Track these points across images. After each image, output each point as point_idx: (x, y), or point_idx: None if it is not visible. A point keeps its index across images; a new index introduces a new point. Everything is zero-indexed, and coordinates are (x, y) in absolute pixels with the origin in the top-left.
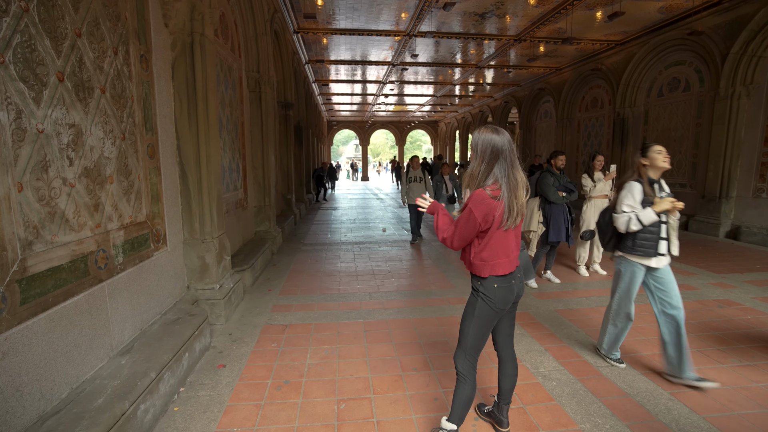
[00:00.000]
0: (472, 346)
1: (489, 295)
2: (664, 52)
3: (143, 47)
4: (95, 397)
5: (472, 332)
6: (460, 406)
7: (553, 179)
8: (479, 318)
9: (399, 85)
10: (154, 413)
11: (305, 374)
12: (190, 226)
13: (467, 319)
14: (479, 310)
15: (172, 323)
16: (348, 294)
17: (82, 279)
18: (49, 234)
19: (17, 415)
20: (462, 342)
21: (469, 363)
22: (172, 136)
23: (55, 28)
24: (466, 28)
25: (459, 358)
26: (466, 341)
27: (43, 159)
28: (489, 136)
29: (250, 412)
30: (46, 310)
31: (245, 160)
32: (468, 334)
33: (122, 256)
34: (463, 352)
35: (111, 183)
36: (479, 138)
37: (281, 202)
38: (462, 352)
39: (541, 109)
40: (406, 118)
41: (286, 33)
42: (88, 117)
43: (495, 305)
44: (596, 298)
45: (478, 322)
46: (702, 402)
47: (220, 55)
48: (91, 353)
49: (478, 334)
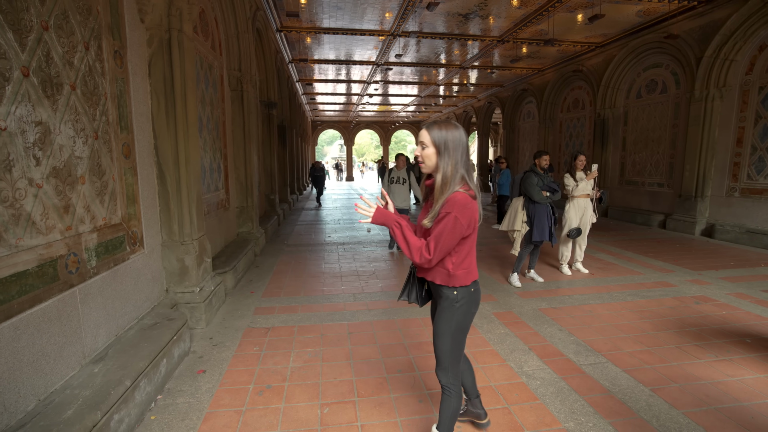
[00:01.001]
0: (454, 359)
1: (471, 302)
2: (642, 54)
3: (117, 43)
4: (64, 408)
5: (452, 348)
6: (448, 417)
7: (537, 179)
8: (459, 331)
9: (383, 85)
10: (129, 423)
11: (288, 378)
12: (169, 227)
13: (443, 336)
14: (459, 323)
15: (150, 328)
16: (332, 295)
17: (50, 284)
18: (14, 237)
19: None
20: (442, 361)
21: (453, 375)
22: (149, 136)
23: (19, 20)
24: (450, 29)
25: (442, 375)
26: (446, 359)
27: (6, 158)
28: (459, 133)
29: (231, 419)
30: (10, 318)
31: (227, 160)
32: (447, 351)
33: (95, 259)
34: (446, 369)
35: (83, 184)
36: (449, 136)
37: (264, 202)
38: (443, 369)
39: (524, 110)
40: (391, 118)
41: (269, 31)
42: (56, 114)
43: (475, 308)
44: (579, 296)
45: (458, 336)
46: (681, 397)
47: (200, 53)
48: (61, 362)
49: (459, 347)
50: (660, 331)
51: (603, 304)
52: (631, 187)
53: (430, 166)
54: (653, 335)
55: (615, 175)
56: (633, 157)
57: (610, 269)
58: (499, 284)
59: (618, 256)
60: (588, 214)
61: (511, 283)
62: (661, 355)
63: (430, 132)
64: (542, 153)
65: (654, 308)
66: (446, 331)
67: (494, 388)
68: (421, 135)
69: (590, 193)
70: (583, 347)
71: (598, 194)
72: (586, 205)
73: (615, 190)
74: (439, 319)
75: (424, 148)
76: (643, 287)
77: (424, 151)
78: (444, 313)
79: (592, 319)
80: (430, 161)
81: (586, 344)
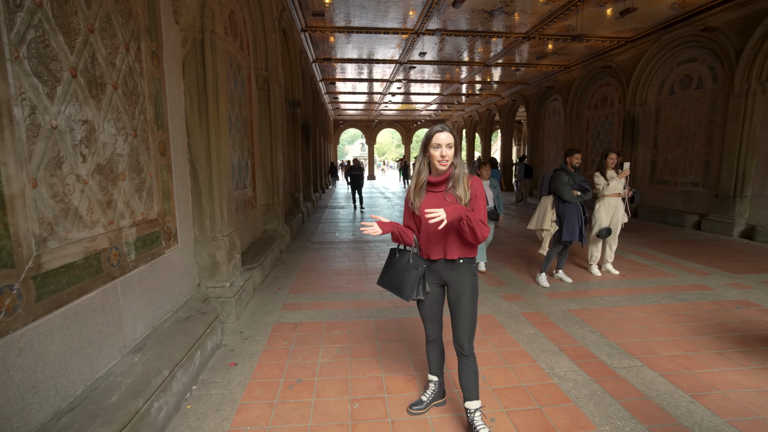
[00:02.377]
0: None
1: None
2: (676, 48)
3: (154, 44)
4: (109, 394)
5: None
6: (477, 383)
7: (568, 177)
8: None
9: (406, 83)
10: (167, 411)
11: (317, 373)
12: (201, 223)
13: (473, 307)
14: (477, 288)
15: (184, 321)
16: (358, 293)
17: (95, 276)
18: (63, 231)
19: (33, 411)
20: (471, 331)
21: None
22: (182, 134)
23: (68, 23)
24: (474, 26)
25: (470, 344)
26: (474, 328)
27: (56, 155)
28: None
29: (263, 411)
30: (61, 307)
31: (254, 159)
32: (475, 320)
33: (134, 253)
34: (473, 338)
35: (123, 180)
36: (455, 134)
37: (289, 200)
38: (472, 339)
39: (549, 108)
40: (413, 117)
41: (294, 31)
42: (100, 113)
43: None
44: (610, 297)
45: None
46: (724, 405)
47: (229, 53)
48: (105, 350)
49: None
50: (698, 335)
51: (635, 306)
52: (662, 187)
53: (450, 163)
54: (691, 339)
55: (645, 174)
56: (665, 156)
57: (642, 271)
58: (527, 284)
59: (650, 257)
60: (619, 213)
61: (538, 283)
62: (701, 360)
63: (454, 134)
64: (574, 151)
65: (691, 312)
66: (474, 301)
67: (525, 389)
68: (447, 138)
69: (621, 192)
70: (617, 350)
71: (630, 193)
72: (617, 204)
73: (645, 189)
74: (468, 291)
75: (450, 148)
76: (679, 290)
77: (450, 150)
78: (470, 283)
79: (625, 322)
80: (452, 159)
81: (619, 347)
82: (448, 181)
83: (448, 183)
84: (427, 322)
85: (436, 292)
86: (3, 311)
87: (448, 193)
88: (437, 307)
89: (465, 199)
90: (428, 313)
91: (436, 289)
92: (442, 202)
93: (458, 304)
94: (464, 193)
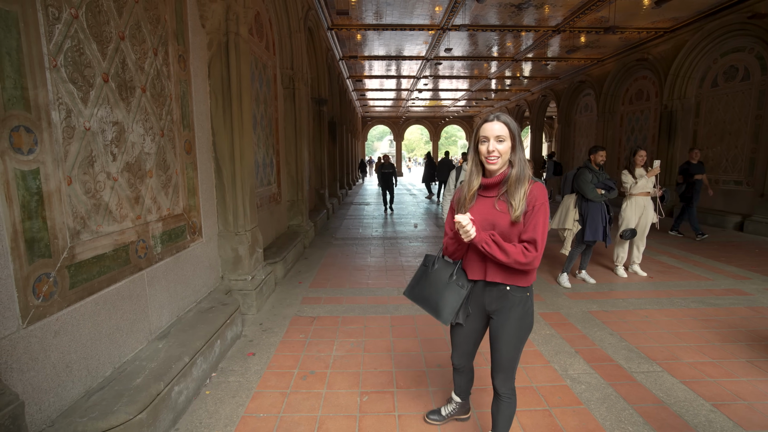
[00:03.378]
0: (516, 365)
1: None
2: (720, 38)
3: (181, 48)
4: (134, 377)
5: (519, 354)
6: (508, 423)
7: (592, 176)
8: (528, 334)
9: (433, 79)
10: (187, 395)
11: (330, 366)
12: (225, 218)
13: (518, 344)
14: (530, 325)
15: (206, 311)
16: (376, 288)
17: (123, 267)
18: (95, 224)
19: (68, 388)
20: (510, 369)
21: (514, 381)
22: (208, 133)
23: (101, 32)
24: (501, 20)
25: (508, 383)
26: (515, 367)
27: (89, 155)
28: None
29: (276, 400)
30: (92, 295)
31: (279, 156)
32: (517, 359)
33: (161, 246)
34: (512, 378)
35: (150, 177)
36: (517, 128)
37: (314, 196)
38: (510, 378)
39: (581, 103)
40: (441, 113)
41: (320, 30)
42: (130, 115)
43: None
44: (634, 300)
45: (526, 340)
46: (749, 416)
47: (254, 54)
48: (132, 336)
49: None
50: (728, 342)
51: (661, 310)
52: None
53: (505, 161)
54: (719, 346)
55: None
56: (705, 153)
57: (672, 273)
58: (547, 284)
59: (682, 259)
60: (648, 214)
61: (560, 284)
62: (728, 368)
63: (509, 124)
64: (598, 148)
65: (723, 317)
66: (521, 337)
67: (535, 389)
68: (497, 129)
69: (651, 192)
70: (636, 354)
71: (660, 192)
72: (645, 204)
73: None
74: (511, 327)
75: (502, 142)
76: (711, 294)
77: (501, 145)
78: (516, 318)
79: (648, 325)
80: (507, 156)
81: (639, 351)
82: (501, 185)
83: (502, 187)
84: (456, 351)
85: (476, 322)
86: (41, 297)
87: (499, 200)
88: (473, 339)
89: (518, 210)
90: (460, 341)
91: (476, 318)
92: (491, 211)
93: (497, 338)
94: (519, 202)
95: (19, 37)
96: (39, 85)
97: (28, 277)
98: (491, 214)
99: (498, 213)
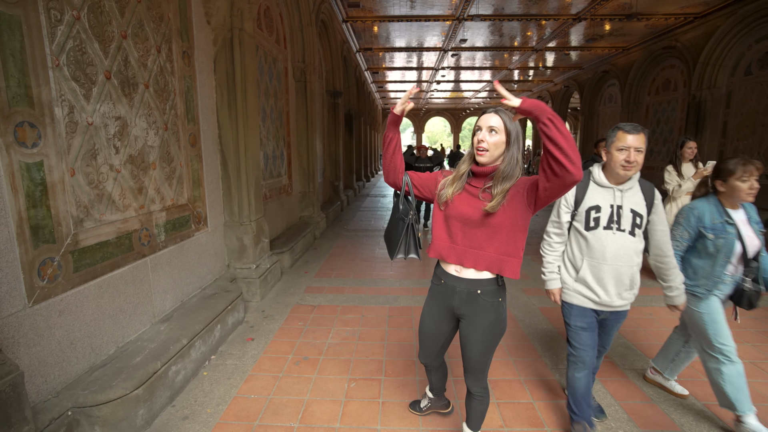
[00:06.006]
0: (488, 365)
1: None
2: (755, 22)
3: (185, 44)
4: (135, 356)
5: (492, 355)
6: (481, 418)
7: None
8: (502, 334)
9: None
10: (185, 375)
11: (324, 352)
12: (230, 209)
13: (491, 346)
14: (505, 325)
15: (209, 297)
16: (379, 279)
17: (126, 253)
18: (98, 213)
19: (72, 363)
20: (482, 370)
21: (486, 380)
22: (214, 126)
23: (103, 32)
24: (521, 9)
25: (480, 382)
26: (486, 367)
27: (92, 148)
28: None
29: (268, 383)
30: (96, 278)
31: (290, 148)
32: (489, 360)
33: (164, 234)
34: (484, 377)
35: (154, 169)
36: (517, 126)
37: (329, 188)
38: (483, 378)
39: (605, 94)
40: (462, 105)
41: (335, 22)
42: (132, 110)
43: None
44: (640, 297)
45: (499, 340)
46: None
47: (264, 48)
48: (135, 319)
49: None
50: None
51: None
52: None
53: (495, 155)
54: None
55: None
56: (735, 145)
57: None
58: None
59: None
60: None
61: None
62: None
63: (504, 117)
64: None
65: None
66: (492, 342)
67: (522, 382)
68: (492, 120)
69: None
70: (632, 351)
71: None
72: None
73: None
74: (481, 334)
75: (495, 134)
76: None
77: (493, 138)
78: (486, 326)
79: (650, 323)
80: (497, 150)
81: (636, 348)
82: (488, 179)
83: (487, 182)
84: (422, 350)
85: (444, 324)
86: (46, 279)
87: (484, 192)
88: (440, 342)
89: (494, 201)
90: (426, 340)
91: (444, 319)
92: (473, 201)
93: (467, 342)
94: (498, 195)
95: (22, 38)
96: (42, 83)
97: (33, 261)
98: (473, 204)
99: (479, 202)
